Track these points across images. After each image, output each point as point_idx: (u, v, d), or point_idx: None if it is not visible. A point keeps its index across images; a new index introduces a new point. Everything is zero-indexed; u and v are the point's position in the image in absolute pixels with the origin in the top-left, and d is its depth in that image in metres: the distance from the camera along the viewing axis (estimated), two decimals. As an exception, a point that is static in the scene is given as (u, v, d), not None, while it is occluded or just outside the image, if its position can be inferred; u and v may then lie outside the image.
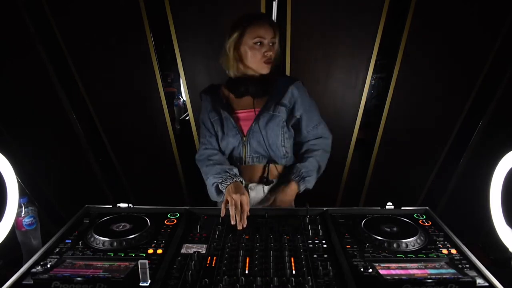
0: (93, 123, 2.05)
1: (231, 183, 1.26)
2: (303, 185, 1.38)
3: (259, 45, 1.34)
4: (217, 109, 1.43)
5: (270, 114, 1.39)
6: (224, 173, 1.30)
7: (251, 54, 1.36)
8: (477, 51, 1.80)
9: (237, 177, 1.29)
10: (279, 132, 1.40)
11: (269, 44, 1.35)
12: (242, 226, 1.17)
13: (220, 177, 1.29)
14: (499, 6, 1.68)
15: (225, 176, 1.29)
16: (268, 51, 1.35)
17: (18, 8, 1.70)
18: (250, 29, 1.34)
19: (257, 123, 1.38)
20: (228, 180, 1.27)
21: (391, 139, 2.07)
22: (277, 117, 1.39)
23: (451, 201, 2.19)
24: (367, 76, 1.90)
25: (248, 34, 1.34)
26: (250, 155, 1.42)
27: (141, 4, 1.74)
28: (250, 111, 1.42)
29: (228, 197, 1.20)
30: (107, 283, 0.84)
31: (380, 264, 0.95)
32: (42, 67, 1.85)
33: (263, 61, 1.36)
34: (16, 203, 1.14)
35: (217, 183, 1.30)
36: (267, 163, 1.43)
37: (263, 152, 1.41)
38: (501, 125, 1.88)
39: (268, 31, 1.34)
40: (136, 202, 1.32)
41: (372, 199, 2.29)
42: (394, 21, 1.78)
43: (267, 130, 1.39)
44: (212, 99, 1.47)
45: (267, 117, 1.39)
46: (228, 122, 1.41)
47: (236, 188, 1.23)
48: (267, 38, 1.34)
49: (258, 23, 1.34)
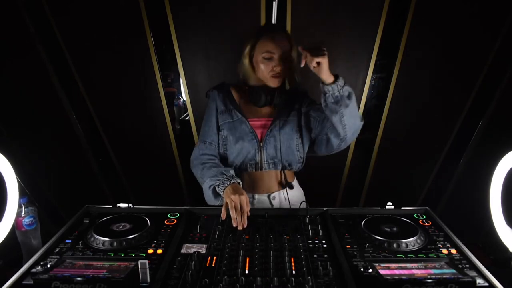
0: (93, 123, 2.05)
1: (229, 185, 1.23)
2: (340, 81, 1.19)
3: (268, 60, 1.30)
4: (231, 112, 1.39)
5: (284, 120, 1.39)
6: (221, 175, 1.27)
7: (260, 67, 1.33)
8: (477, 51, 1.80)
9: (234, 179, 1.26)
10: (294, 136, 1.40)
11: (280, 58, 1.30)
12: (243, 226, 1.16)
13: (217, 179, 1.26)
14: (499, 6, 1.68)
15: (222, 178, 1.25)
16: (277, 66, 1.30)
17: (18, 8, 1.70)
18: (260, 43, 1.31)
19: (273, 129, 1.38)
20: (225, 182, 1.23)
21: (391, 139, 2.07)
22: (291, 122, 1.39)
23: (451, 201, 2.19)
24: (367, 76, 1.90)
25: (258, 48, 1.32)
26: (266, 161, 1.40)
27: (141, 4, 1.74)
28: (263, 120, 1.40)
29: (227, 199, 1.19)
30: (107, 283, 0.84)
31: (380, 264, 0.96)
32: (42, 67, 1.85)
33: (271, 75, 1.32)
34: (16, 203, 1.14)
35: (214, 185, 1.26)
36: (282, 168, 1.42)
37: (279, 158, 1.39)
38: (501, 125, 1.88)
39: (279, 46, 1.29)
40: (136, 202, 1.32)
41: (372, 199, 2.29)
42: (394, 21, 1.78)
43: (282, 134, 1.38)
44: (224, 99, 1.41)
45: (282, 122, 1.38)
46: (244, 127, 1.38)
47: (234, 190, 1.20)
48: (277, 53, 1.29)
49: (269, 37, 1.30)
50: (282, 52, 1.29)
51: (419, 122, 2.02)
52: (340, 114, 1.22)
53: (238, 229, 1.16)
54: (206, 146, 1.40)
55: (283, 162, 1.41)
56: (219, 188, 1.25)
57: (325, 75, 1.17)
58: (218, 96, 1.41)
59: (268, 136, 1.38)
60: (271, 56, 1.30)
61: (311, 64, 1.16)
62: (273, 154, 1.39)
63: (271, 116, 1.41)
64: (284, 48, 1.29)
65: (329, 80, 1.18)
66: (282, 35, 1.32)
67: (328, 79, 1.18)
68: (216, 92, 1.42)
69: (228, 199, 1.18)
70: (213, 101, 1.42)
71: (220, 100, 1.41)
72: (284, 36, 1.32)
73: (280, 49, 1.29)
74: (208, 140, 1.40)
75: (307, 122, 1.42)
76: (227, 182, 1.24)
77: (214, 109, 1.41)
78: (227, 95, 1.41)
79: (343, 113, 1.22)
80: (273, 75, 1.32)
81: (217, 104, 1.41)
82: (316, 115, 1.38)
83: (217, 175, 1.27)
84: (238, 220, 1.16)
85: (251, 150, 1.38)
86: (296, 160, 1.42)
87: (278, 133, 1.37)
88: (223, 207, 1.20)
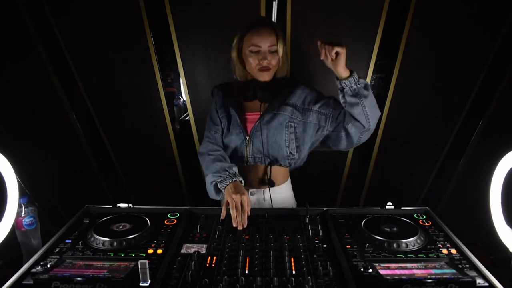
0: (93, 123, 2.05)
1: (231, 182, 1.24)
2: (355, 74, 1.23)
3: (255, 53, 1.31)
4: (227, 106, 1.43)
5: (273, 113, 1.38)
6: (224, 171, 1.28)
7: (249, 61, 1.34)
8: (477, 51, 1.80)
9: (236, 177, 1.26)
10: (283, 131, 1.38)
11: (267, 52, 1.31)
12: (243, 226, 1.16)
13: (219, 176, 1.27)
14: (499, 6, 1.68)
15: (225, 175, 1.26)
16: (263, 59, 1.31)
17: (18, 8, 1.70)
18: (247, 36, 1.32)
19: (260, 122, 1.38)
20: (227, 180, 1.25)
21: (391, 139, 2.07)
22: (281, 116, 1.38)
23: (451, 201, 2.19)
24: (367, 76, 1.89)
25: (245, 41, 1.33)
26: (252, 155, 1.41)
27: (141, 4, 1.74)
28: (257, 114, 1.41)
29: (229, 198, 1.19)
30: (107, 283, 0.85)
31: (380, 264, 0.96)
32: (42, 67, 1.85)
33: (258, 69, 1.33)
34: (16, 203, 1.14)
35: (216, 182, 1.28)
36: (269, 164, 1.42)
37: (265, 152, 1.40)
38: (501, 125, 1.88)
39: (266, 39, 1.30)
40: (136, 202, 1.32)
41: (372, 199, 2.29)
42: (394, 21, 1.77)
43: (269, 128, 1.38)
44: (224, 95, 1.46)
45: (270, 115, 1.38)
46: (234, 120, 1.41)
47: (236, 188, 1.21)
48: (264, 46, 1.30)
49: (255, 30, 1.31)
50: (269, 45, 1.30)
51: (419, 122, 2.02)
52: (361, 105, 1.25)
53: (238, 229, 1.16)
54: (211, 135, 1.44)
55: (269, 157, 1.41)
56: (220, 185, 1.26)
57: (342, 68, 1.21)
58: (218, 94, 1.47)
59: (254, 130, 1.39)
60: (258, 50, 1.30)
61: (331, 53, 1.18)
62: (259, 148, 1.39)
63: (259, 111, 1.40)
64: (270, 41, 1.30)
65: (345, 74, 1.22)
66: (269, 28, 1.31)
67: (344, 73, 1.22)
68: (216, 90, 1.49)
69: (229, 198, 1.18)
70: (214, 98, 1.49)
71: (219, 97, 1.46)
72: (270, 29, 1.31)
73: (266, 42, 1.29)
74: (213, 130, 1.45)
75: (318, 120, 1.40)
76: (228, 180, 1.25)
77: (215, 105, 1.47)
78: (225, 91, 1.46)
79: (364, 103, 1.25)
80: (260, 69, 1.33)
81: (217, 100, 1.47)
82: (328, 111, 1.38)
83: (219, 171, 1.28)
84: (238, 220, 1.16)
85: (238, 143, 1.41)
86: (284, 156, 1.40)
87: (265, 127, 1.38)
88: (224, 206, 1.20)
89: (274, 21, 1.81)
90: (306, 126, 1.40)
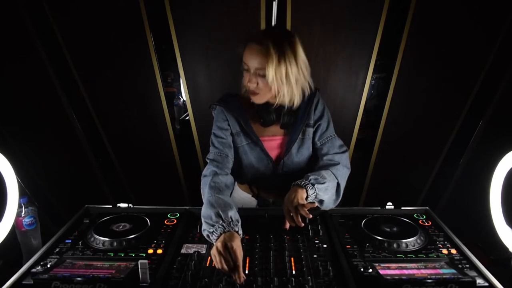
0: (93, 123, 2.05)
1: (222, 234, 0.99)
2: (311, 190, 1.12)
3: (246, 71, 1.14)
4: (246, 134, 1.25)
5: (300, 139, 1.27)
6: (217, 217, 1.03)
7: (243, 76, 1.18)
8: (477, 52, 1.80)
9: (230, 226, 1.01)
10: (308, 154, 1.31)
11: (255, 73, 1.11)
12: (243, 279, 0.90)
13: (211, 226, 1.03)
14: (499, 6, 1.68)
15: (217, 226, 1.01)
16: (249, 82, 1.13)
17: (18, 8, 1.70)
18: (244, 51, 1.14)
19: (290, 153, 1.27)
20: (218, 230, 1.01)
21: (391, 139, 2.07)
22: (307, 141, 1.28)
23: (451, 201, 2.19)
24: (367, 76, 1.90)
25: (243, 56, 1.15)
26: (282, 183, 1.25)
27: (141, 4, 1.74)
28: (277, 138, 1.29)
29: (214, 252, 0.94)
30: (107, 283, 0.85)
31: (380, 264, 0.96)
32: (42, 67, 1.85)
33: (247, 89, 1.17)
34: (16, 203, 1.14)
35: (208, 233, 1.04)
36: None
37: (296, 178, 1.20)
38: (501, 125, 1.88)
39: (254, 59, 1.09)
40: (136, 202, 1.32)
41: (372, 199, 2.29)
42: (394, 21, 1.78)
43: (299, 157, 1.29)
44: (238, 118, 1.24)
45: (298, 143, 1.27)
46: (259, 151, 1.27)
47: (227, 239, 0.96)
48: (251, 66, 1.11)
49: (249, 46, 1.11)
50: (256, 67, 1.10)
51: (419, 122, 2.02)
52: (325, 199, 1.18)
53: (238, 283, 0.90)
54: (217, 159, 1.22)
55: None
56: (212, 236, 1.02)
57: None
58: (229, 115, 1.26)
59: (284, 163, 1.28)
60: (248, 68, 1.13)
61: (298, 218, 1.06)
62: (291, 178, 1.21)
63: (279, 134, 1.29)
64: (258, 62, 1.09)
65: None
66: (262, 46, 1.08)
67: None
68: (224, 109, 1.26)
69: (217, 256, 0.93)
70: (224, 121, 1.26)
71: (233, 119, 1.25)
72: (263, 48, 1.08)
73: (254, 63, 1.10)
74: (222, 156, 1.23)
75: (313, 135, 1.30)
76: (220, 230, 1.01)
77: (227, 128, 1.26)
78: (239, 114, 1.24)
79: (326, 198, 1.18)
80: (248, 90, 1.18)
81: (230, 124, 1.26)
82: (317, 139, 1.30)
83: (212, 217, 1.04)
84: (234, 276, 0.90)
85: (268, 173, 1.30)
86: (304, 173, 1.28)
87: (295, 155, 1.27)
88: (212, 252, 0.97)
89: (274, 21, 1.81)
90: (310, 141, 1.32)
